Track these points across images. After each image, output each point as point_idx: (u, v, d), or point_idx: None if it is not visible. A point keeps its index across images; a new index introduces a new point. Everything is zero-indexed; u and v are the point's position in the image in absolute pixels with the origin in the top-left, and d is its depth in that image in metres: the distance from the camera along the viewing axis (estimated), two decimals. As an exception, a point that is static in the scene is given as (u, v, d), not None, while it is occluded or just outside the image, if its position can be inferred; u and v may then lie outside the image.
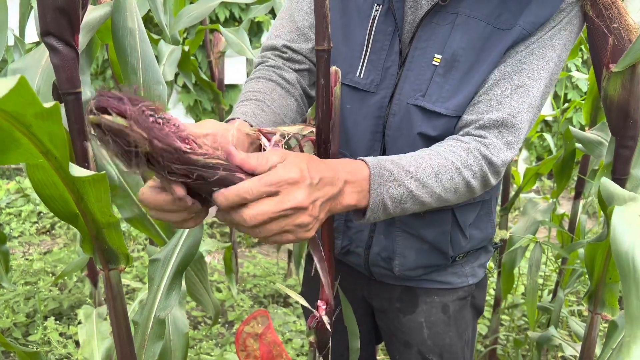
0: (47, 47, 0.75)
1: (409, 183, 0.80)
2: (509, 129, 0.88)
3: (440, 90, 0.91)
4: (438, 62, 0.91)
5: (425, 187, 0.81)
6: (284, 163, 0.67)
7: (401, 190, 0.79)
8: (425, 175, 0.81)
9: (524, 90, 0.88)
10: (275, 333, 1.68)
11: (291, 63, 1.03)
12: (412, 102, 0.93)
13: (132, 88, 0.60)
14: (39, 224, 3.53)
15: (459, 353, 1.16)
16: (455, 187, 0.84)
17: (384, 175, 0.78)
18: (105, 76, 4.32)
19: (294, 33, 1.02)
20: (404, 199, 0.80)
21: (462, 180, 0.85)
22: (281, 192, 0.66)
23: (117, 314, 0.86)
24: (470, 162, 0.85)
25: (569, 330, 2.45)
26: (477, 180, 0.87)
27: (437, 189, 0.82)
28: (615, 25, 0.86)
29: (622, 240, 0.55)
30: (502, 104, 0.88)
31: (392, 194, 0.79)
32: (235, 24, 4.16)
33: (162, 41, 2.02)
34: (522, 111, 0.88)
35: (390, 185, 0.78)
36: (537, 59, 0.88)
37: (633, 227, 0.55)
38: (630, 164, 0.92)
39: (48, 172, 0.66)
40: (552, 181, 4.38)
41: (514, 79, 0.88)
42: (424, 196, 0.82)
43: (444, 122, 0.92)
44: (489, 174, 0.88)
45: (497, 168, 0.88)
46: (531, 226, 1.90)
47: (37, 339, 2.35)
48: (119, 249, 0.81)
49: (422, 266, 1.06)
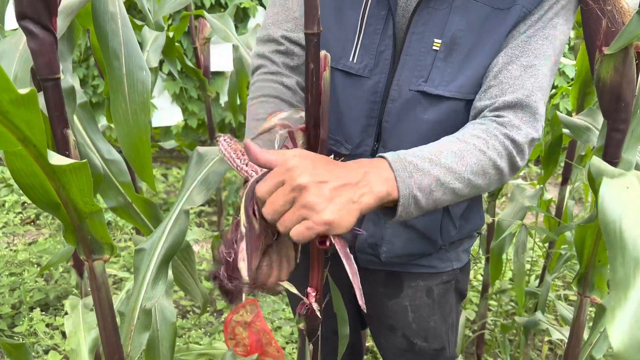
0: (23, 31, 0.73)
1: (435, 170, 0.77)
2: (524, 109, 0.86)
3: (442, 74, 0.90)
4: (438, 46, 0.90)
5: (452, 172, 0.78)
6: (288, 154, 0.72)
7: (428, 179, 0.76)
8: (449, 161, 0.78)
9: (534, 70, 0.87)
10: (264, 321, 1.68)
11: (289, 58, 1.00)
12: (415, 89, 0.92)
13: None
14: (23, 214, 3.48)
15: (443, 336, 1.17)
16: (483, 170, 0.81)
17: (407, 168, 0.75)
18: (88, 64, 4.24)
19: (291, 22, 1.00)
20: (433, 188, 0.77)
21: (489, 161, 0.81)
22: (285, 179, 0.70)
23: (102, 304, 0.84)
24: (492, 142, 0.82)
25: (555, 315, 2.48)
26: (503, 160, 0.84)
27: (465, 173, 0.79)
28: (608, 8, 0.86)
29: (610, 209, 0.57)
30: (514, 86, 0.86)
31: (421, 185, 0.75)
32: (221, 10, 4.10)
33: (145, 27, 1.98)
34: (535, 90, 0.87)
35: (416, 176, 0.75)
36: (541, 39, 0.88)
37: (620, 197, 0.58)
38: (621, 147, 0.92)
39: (27, 161, 0.65)
40: (539, 167, 4.41)
41: (522, 60, 0.87)
42: (454, 182, 0.78)
43: (447, 105, 0.91)
44: (514, 153, 0.85)
45: (522, 147, 0.85)
46: (519, 212, 1.91)
47: (23, 330, 2.33)
48: (103, 238, 0.80)
49: (409, 254, 1.07)
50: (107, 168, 1.13)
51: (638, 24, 0.80)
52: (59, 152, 0.78)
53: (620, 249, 0.54)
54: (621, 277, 0.53)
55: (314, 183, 0.69)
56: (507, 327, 2.12)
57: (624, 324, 0.51)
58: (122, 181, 1.12)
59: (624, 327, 0.50)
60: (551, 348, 2.34)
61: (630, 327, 0.50)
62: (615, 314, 0.51)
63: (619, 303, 0.52)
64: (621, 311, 0.51)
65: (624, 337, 0.50)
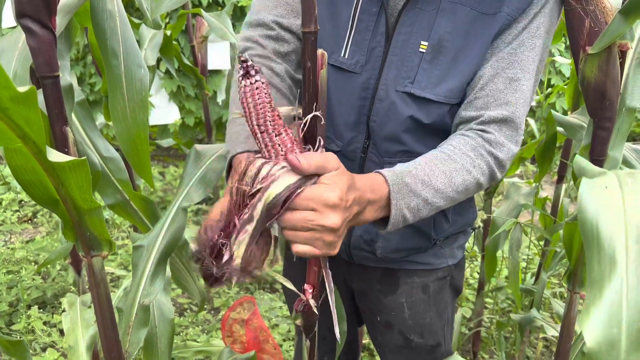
0: (23, 29, 0.73)
1: (425, 193, 0.83)
2: (509, 124, 0.91)
3: (428, 76, 0.92)
4: (425, 49, 0.91)
5: (440, 193, 0.85)
6: (331, 177, 0.71)
7: (418, 200, 0.83)
8: (439, 182, 0.84)
9: (518, 84, 0.90)
10: (261, 318, 1.69)
11: (279, 44, 0.97)
12: (401, 90, 0.93)
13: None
14: (21, 212, 3.48)
15: (439, 332, 1.18)
16: (466, 188, 0.88)
17: (402, 190, 0.81)
18: (86, 62, 4.24)
19: (283, 7, 0.97)
20: (420, 207, 0.84)
21: (473, 180, 0.88)
22: (318, 210, 0.70)
23: (100, 301, 0.85)
24: (478, 161, 0.88)
25: (551, 312, 2.49)
26: (485, 177, 0.90)
27: (451, 193, 0.86)
28: (591, 8, 0.87)
29: (588, 208, 0.58)
30: (498, 100, 0.90)
31: (410, 205, 0.82)
32: (219, 9, 4.10)
33: (143, 25, 1.98)
34: (518, 105, 0.91)
35: (408, 198, 0.82)
36: (527, 50, 0.90)
37: (598, 197, 0.59)
38: (607, 145, 0.94)
39: (27, 157, 0.65)
40: (535, 166, 4.42)
41: (508, 72, 0.90)
42: (439, 202, 0.85)
43: (435, 109, 0.93)
44: (495, 170, 0.91)
45: (503, 162, 0.92)
46: (514, 209, 1.92)
47: (20, 328, 2.33)
48: (101, 235, 0.80)
49: (404, 249, 1.08)
50: (105, 166, 1.13)
51: (620, 23, 0.82)
52: (58, 150, 0.78)
53: (597, 247, 0.55)
54: (596, 276, 0.54)
55: (342, 225, 0.72)
56: (503, 325, 2.13)
57: (598, 322, 0.51)
58: (120, 179, 1.12)
59: (598, 326, 0.51)
60: (546, 345, 2.35)
61: (604, 325, 0.51)
62: (590, 312, 0.52)
63: (594, 301, 0.52)
64: (596, 309, 0.52)
65: (597, 335, 0.51)
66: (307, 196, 0.69)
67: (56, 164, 0.65)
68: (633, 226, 0.55)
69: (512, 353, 2.25)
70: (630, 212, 0.56)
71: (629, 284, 0.52)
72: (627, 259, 0.53)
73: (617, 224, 0.55)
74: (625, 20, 0.81)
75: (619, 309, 0.51)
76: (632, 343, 0.50)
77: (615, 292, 0.52)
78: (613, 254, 0.54)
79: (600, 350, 0.50)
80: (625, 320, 0.51)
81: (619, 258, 0.53)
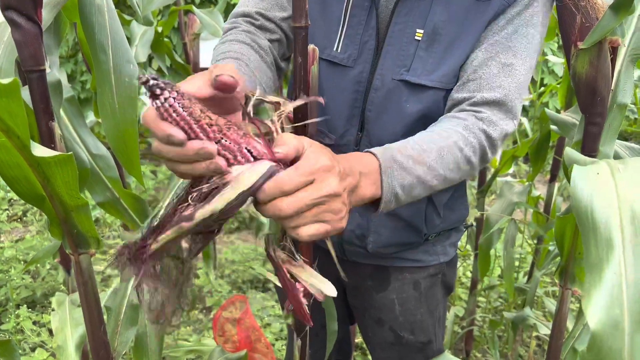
0: (8, 22, 0.72)
1: (416, 170, 0.79)
2: (501, 107, 0.89)
3: (424, 63, 0.93)
4: (420, 36, 0.92)
5: (432, 171, 0.81)
6: (313, 149, 0.65)
7: (410, 178, 0.79)
8: (431, 159, 0.81)
9: (512, 69, 0.90)
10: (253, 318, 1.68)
11: (262, 32, 0.99)
12: (397, 78, 0.94)
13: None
14: (10, 211, 3.45)
15: (430, 329, 1.18)
16: (458, 166, 0.84)
17: (392, 167, 0.77)
18: (77, 59, 4.21)
19: (267, 2, 1.00)
20: (413, 185, 0.79)
21: (464, 158, 0.85)
22: (316, 179, 0.64)
23: (88, 299, 0.84)
24: (470, 139, 0.85)
25: (544, 311, 2.49)
26: (476, 155, 0.87)
27: (443, 171, 0.82)
28: (582, 4, 0.88)
29: (581, 194, 0.58)
30: (492, 83, 0.89)
31: (403, 183, 0.78)
32: (211, 6, 4.08)
33: (134, 22, 1.96)
34: (511, 89, 0.89)
35: (399, 175, 0.77)
36: (521, 37, 0.90)
37: (591, 181, 0.59)
38: (599, 140, 0.94)
39: (11, 152, 0.64)
40: (528, 165, 4.44)
41: (501, 57, 0.90)
42: (432, 180, 0.81)
43: (429, 95, 0.93)
44: (487, 148, 0.88)
45: (495, 142, 0.89)
46: (507, 208, 1.92)
47: (9, 327, 2.31)
48: (89, 232, 0.79)
49: (395, 244, 1.07)
50: (95, 163, 1.12)
51: (611, 18, 0.82)
52: (44, 145, 0.77)
53: (593, 231, 0.56)
54: (595, 259, 0.54)
55: (343, 189, 0.66)
56: (496, 323, 2.13)
57: (600, 304, 0.52)
58: (110, 176, 1.11)
59: (600, 308, 0.52)
60: (539, 344, 2.36)
61: (607, 306, 0.51)
62: (591, 294, 0.52)
63: (594, 284, 0.53)
64: (597, 292, 0.52)
65: (601, 316, 0.51)
66: (304, 171, 0.63)
67: (41, 159, 0.64)
68: (627, 208, 0.55)
69: (505, 352, 2.25)
70: (623, 195, 0.57)
71: (627, 265, 0.53)
72: (623, 241, 0.54)
73: (611, 207, 0.56)
74: (616, 16, 0.82)
75: (619, 290, 0.52)
76: (635, 322, 0.51)
77: (615, 273, 0.53)
78: (609, 236, 0.54)
79: (605, 332, 0.51)
80: (626, 300, 0.52)
81: (615, 240, 0.54)
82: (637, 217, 0.55)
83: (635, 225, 0.54)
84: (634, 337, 0.50)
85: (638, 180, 0.58)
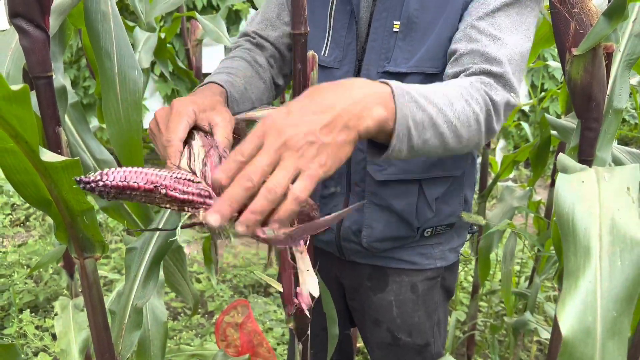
0: (16, 29, 0.73)
1: (429, 108, 0.74)
2: (498, 78, 0.87)
3: (403, 52, 0.98)
4: (398, 27, 0.98)
5: (443, 115, 0.76)
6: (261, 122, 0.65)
7: (422, 114, 0.73)
8: (440, 102, 0.76)
9: (501, 42, 0.89)
10: (255, 322, 1.68)
11: (259, 49, 1.11)
12: (381, 70, 1.00)
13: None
14: (13, 216, 3.46)
15: (427, 332, 1.19)
16: (467, 119, 0.80)
17: (405, 96, 0.72)
18: (79, 65, 4.23)
19: (263, 23, 1.12)
20: (425, 125, 0.74)
21: (472, 112, 0.80)
22: (265, 138, 0.63)
23: (93, 303, 0.84)
24: (475, 94, 0.82)
25: (545, 316, 2.50)
26: (483, 113, 0.83)
27: (453, 119, 0.77)
28: (576, 10, 0.88)
29: (564, 202, 0.59)
30: (485, 54, 0.87)
31: (415, 118, 0.72)
32: (213, 12, 4.10)
33: (137, 28, 1.98)
34: (505, 63, 0.87)
35: (413, 107, 0.72)
36: (503, 15, 0.90)
37: (574, 190, 0.60)
38: (595, 146, 0.95)
39: (19, 158, 0.65)
40: (529, 170, 4.45)
41: (489, 31, 0.89)
42: (443, 126, 0.76)
43: (408, 81, 0.97)
44: (492, 111, 0.84)
45: (498, 106, 0.85)
46: (507, 212, 1.93)
47: (12, 332, 2.31)
48: (94, 237, 0.80)
49: (389, 237, 1.09)
50: (99, 167, 1.13)
51: (604, 24, 0.83)
52: (51, 150, 0.78)
53: (572, 239, 0.56)
54: (572, 266, 0.55)
55: (292, 129, 0.62)
56: (497, 328, 2.13)
57: (573, 311, 0.52)
58: (114, 181, 1.12)
59: (573, 315, 0.52)
60: (540, 349, 2.36)
61: (580, 314, 0.52)
62: (566, 302, 0.53)
63: (569, 292, 0.53)
64: (571, 299, 0.53)
65: (573, 324, 0.52)
66: (249, 137, 0.63)
67: (49, 164, 0.65)
68: (608, 217, 0.56)
69: (506, 356, 2.25)
70: (605, 204, 0.58)
71: (602, 273, 0.53)
72: (600, 250, 0.54)
73: (591, 215, 0.57)
74: (609, 22, 0.83)
75: (593, 298, 0.52)
76: (608, 331, 0.51)
77: (590, 281, 0.53)
78: (588, 244, 0.55)
79: (576, 339, 0.51)
80: (600, 308, 0.52)
81: (593, 249, 0.55)
82: (617, 226, 0.55)
83: (614, 234, 0.54)
84: (605, 345, 0.50)
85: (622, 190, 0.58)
